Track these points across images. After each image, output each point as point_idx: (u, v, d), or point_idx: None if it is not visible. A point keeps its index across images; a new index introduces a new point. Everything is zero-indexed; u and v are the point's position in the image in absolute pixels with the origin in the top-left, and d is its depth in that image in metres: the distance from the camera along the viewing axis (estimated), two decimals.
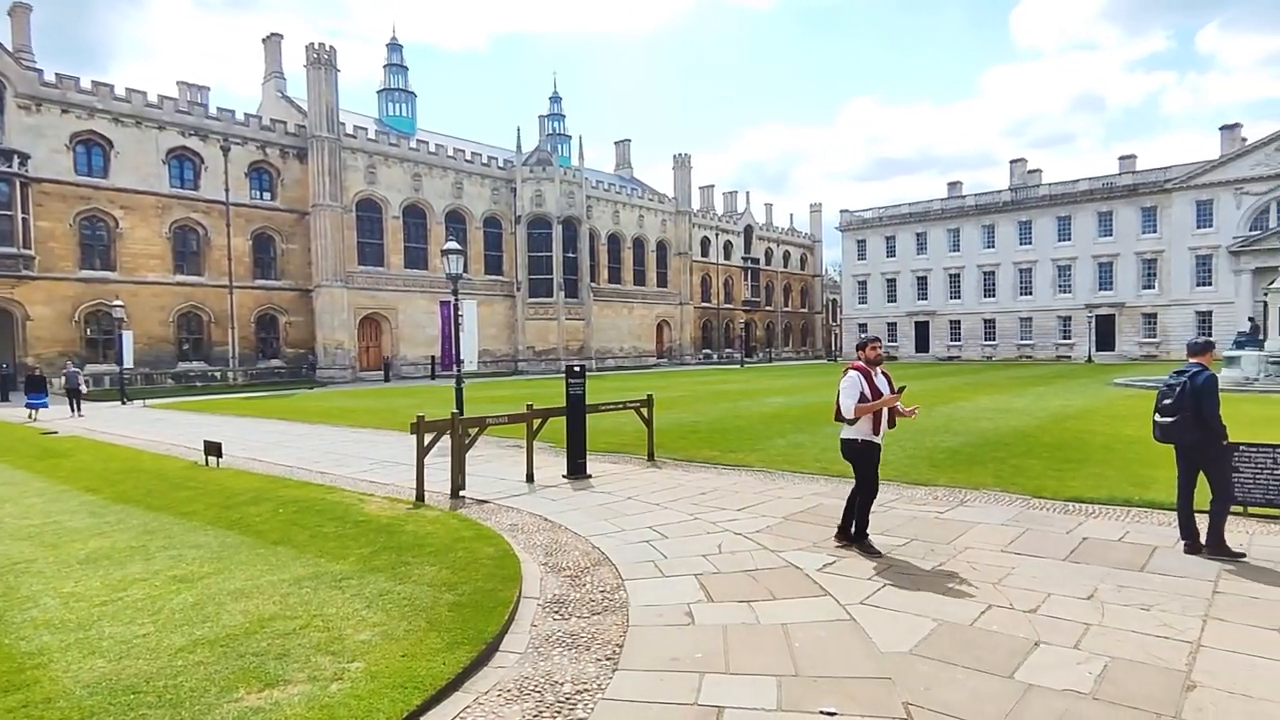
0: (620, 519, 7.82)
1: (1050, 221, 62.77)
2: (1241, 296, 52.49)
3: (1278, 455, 7.33)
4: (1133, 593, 5.24)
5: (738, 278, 78.21)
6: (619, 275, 63.35)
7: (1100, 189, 60.44)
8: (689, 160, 69.53)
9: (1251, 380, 24.82)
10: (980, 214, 66.45)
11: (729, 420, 17.62)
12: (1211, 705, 3.62)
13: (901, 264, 71.26)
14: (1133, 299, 58.86)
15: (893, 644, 4.42)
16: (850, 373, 6.45)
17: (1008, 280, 65.08)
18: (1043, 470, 10.17)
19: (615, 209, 62.91)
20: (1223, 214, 54.85)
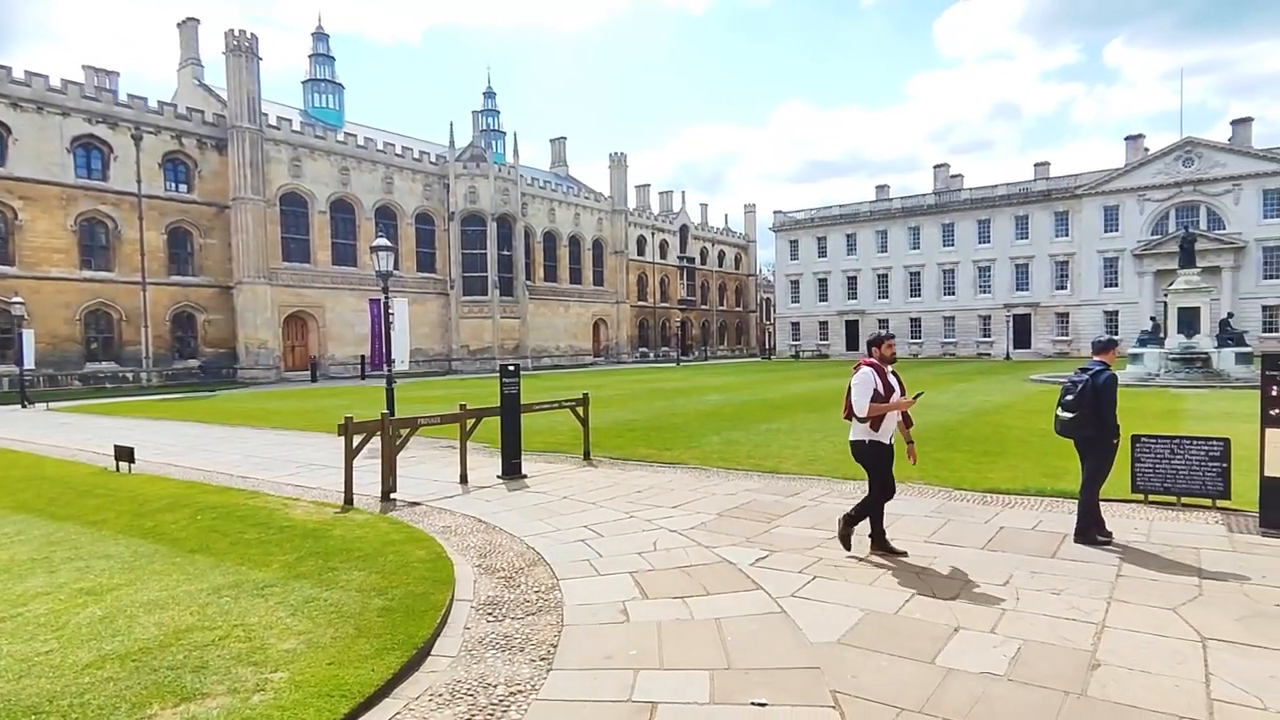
0: (555, 518, 7.79)
1: (971, 225, 65.43)
2: (1145, 297, 55.87)
3: (1174, 446, 7.84)
4: (1045, 578, 5.52)
5: (674, 277, 78.77)
6: (555, 274, 62.98)
7: (1017, 194, 63.35)
8: (625, 159, 69.67)
9: (1153, 376, 26.45)
10: (906, 216, 68.75)
11: (665, 418, 17.74)
12: (1114, 682, 3.85)
13: (832, 264, 73.09)
14: (1047, 299, 61.90)
15: (822, 634, 4.54)
16: (863, 369, 6.14)
17: (932, 280, 67.52)
18: (964, 463, 10.59)
19: (551, 207, 62.52)
20: (1128, 219, 58.26)
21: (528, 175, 61.48)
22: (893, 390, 6.17)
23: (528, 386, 30.25)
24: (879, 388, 6.06)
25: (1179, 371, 25.85)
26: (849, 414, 6.19)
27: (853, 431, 6.30)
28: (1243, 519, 7.07)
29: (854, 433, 6.28)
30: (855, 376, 6.12)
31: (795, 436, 13.83)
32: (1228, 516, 7.22)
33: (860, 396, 6.02)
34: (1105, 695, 3.71)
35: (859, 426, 6.17)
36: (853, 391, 6.10)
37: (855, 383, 6.09)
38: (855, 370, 6.21)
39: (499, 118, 68.17)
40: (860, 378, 6.08)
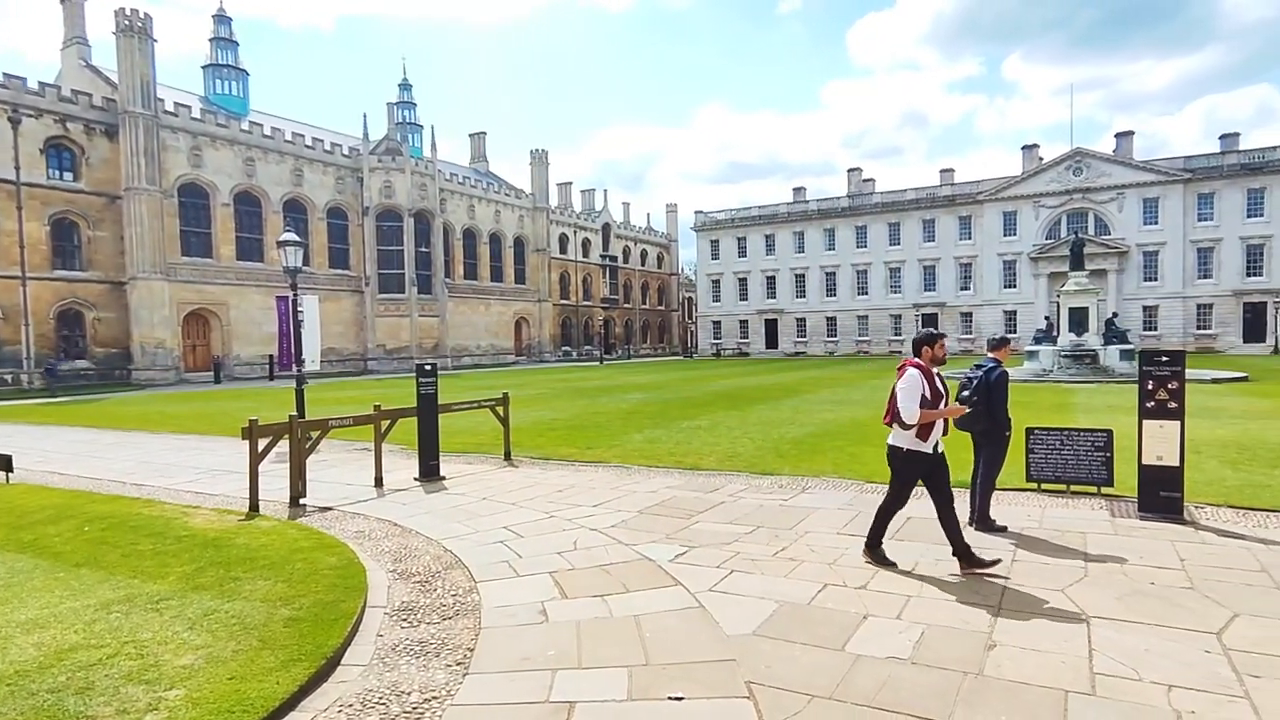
0: (474, 520, 7.66)
1: (883, 227, 68.00)
2: (1040, 297, 59.40)
3: (1064, 438, 8.36)
4: (947, 564, 5.79)
5: (596, 275, 78.73)
6: (475, 271, 61.94)
7: (925, 199, 66.24)
8: (546, 156, 69.17)
9: (1047, 371, 28.15)
10: (822, 218, 70.84)
11: (587, 417, 17.71)
12: (1008, 661, 4.07)
13: (752, 264, 74.58)
14: (952, 299, 64.99)
15: (738, 627, 4.62)
16: (910, 371, 5.63)
17: (847, 281, 69.83)
18: (875, 457, 10.94)
19: (471, 203, 61.43)
20: (1024, 224, 61.80)
21: (446, 170, 60.21)
22: (941, 395, 5.68)
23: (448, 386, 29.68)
24: (926, 392, 5.56)
25: (1070, 367, 27.60)
26: (892, 419, 5.73)
27: (894, 437, 5.82)
28: (1124, 504, 7.60)
29: (895, 438, 5.81)
30: (901, 380, 5.64)
31: (716, 434, 14.04)
32: (1111, 502, 7.75)
33: (909, 401, 5.52)
34: (1000, 674, 3.92)
35: (901, 433, 5.70)
36: (899, 396, 5.59)
37: (902, 386, 5.60)
38: (900, 372, 5.72)
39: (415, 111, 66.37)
40: (908, 381, 5.58)
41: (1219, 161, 56.36)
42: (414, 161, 54.39)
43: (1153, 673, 3.88)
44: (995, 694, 3.70)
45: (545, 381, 34.49)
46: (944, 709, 3.56)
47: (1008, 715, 3.49)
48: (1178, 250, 56.80)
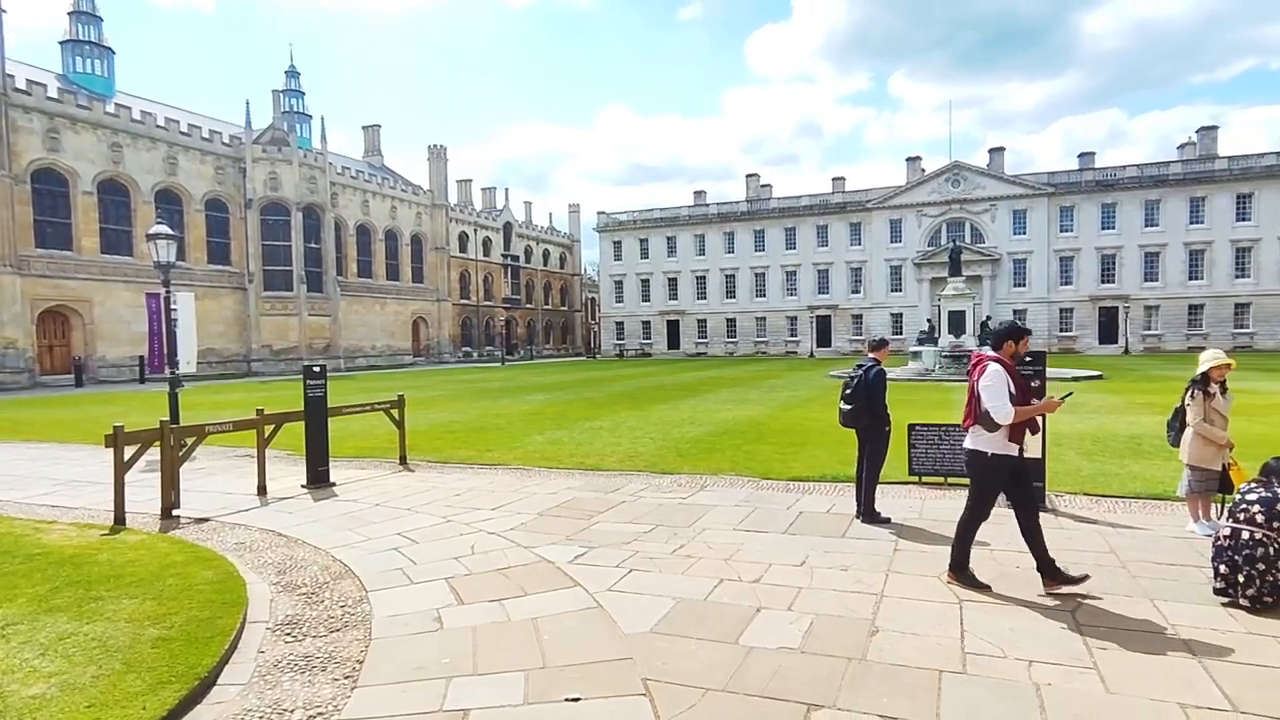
0: (366, 527, 7.38)
1: (780, 232, 70.28)
2: (923, 301, 62.94)
3: (942, 433, 8.89)
4: (835, 556, 6.05)
5: (498, 275, 77.51)
6: (370, 269, 59.70)
7: (818, 205, 68.95)
8: (445, 152, 67.54)
9: (930, 371, 29.86)
10: (722, 222, 72.48)
11: (487, 419, 17.41)
12: (889, 645, 4.30)
13: (654, 266, 75.39)
14: (844, 302, 67.92)
15: (636, 625, 4.66)
16: (992, 366, 5.09)
17: (746, 283, 71.73)
18: (771, 454, 11.34)
19: (365, 198, 59.16)
20: (909, 231, 65.40)
21: (338, 163, 57.76)
22: (1028, 391, 5.24)
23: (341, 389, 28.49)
24: (1012, 388, 5.07)
25: (950, 367, 29.37)
26: (974, 420, 5.15)
27: (974, 440, 5.22)
28: None
29: (976, 442, 5.20)
30: (982, 377, 5.09)
31: (617, 434, 14.11)
32: None
33: (996, 398, 4.97)
34: (881, 658, 4.13)
35: (985, 436, 5.12)
36: (984, 394, 5.02)
37: (985, 384, 5.04)
38: (978, 369, 5.19)
39: (304, 100, 63.13)
40: (991, 377, 5.05)
41: (1078, 178, 61.55)
42: (302, 153, 51.83)
43: (1016, 650, 4.19)
44: (876, 677, 3.90)
45: (444, 383, 33.67)
46: (830, 694, 3.72)
47: (887, 697, 3.68)
48: (1043, 259, 61.60)
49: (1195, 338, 55.56)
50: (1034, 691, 3.71)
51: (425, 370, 51.14)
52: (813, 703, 3.64)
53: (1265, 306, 56.40)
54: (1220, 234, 57.36)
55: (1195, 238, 58.00)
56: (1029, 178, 62.53)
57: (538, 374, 41.21)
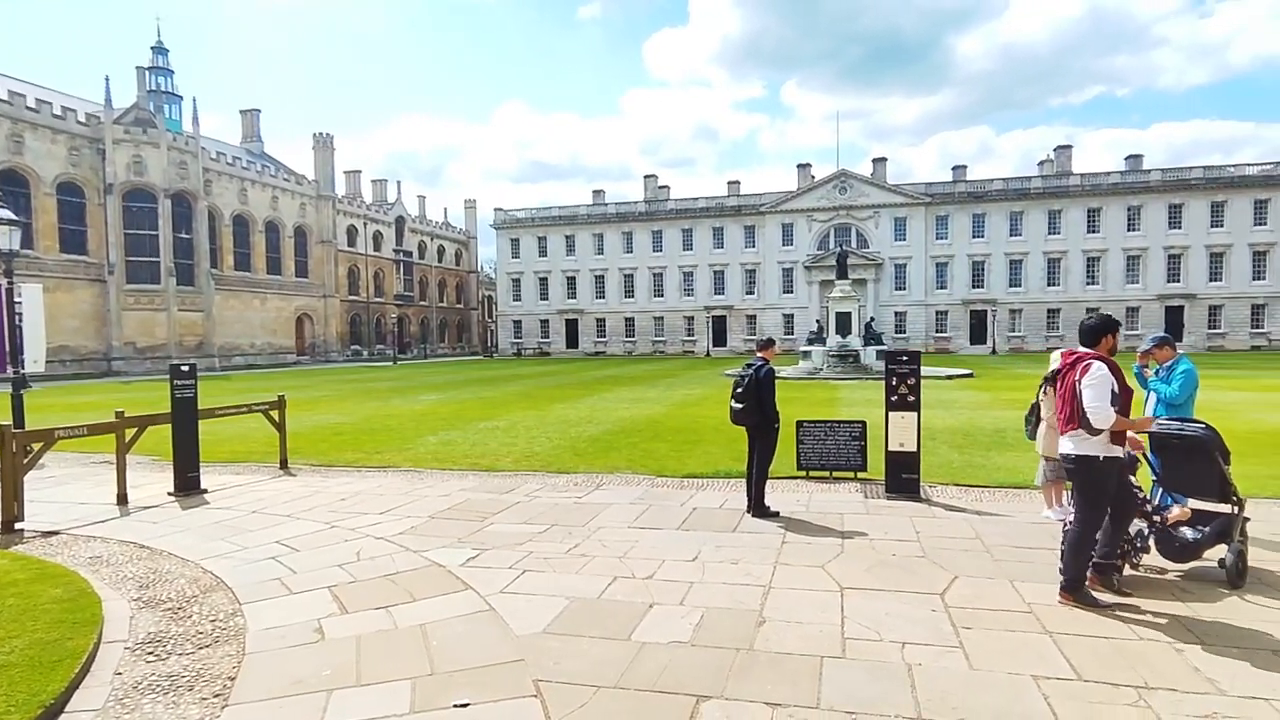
0: (241, 536, 6.95)
1: (677, 233, 71.36)
2: (813, 302, 65.50)
3: (827, 429, 9.30)
4: (727, 550, 6.20)
5: (389, 271, 74.88)
6: (249, 262, 56.35)
7: (714, 208, 70.50)
8: (331, 141, 64.66)
9: (818, 370, 31.12)
10: (621, 222, 72.86)
11: (377, 420, 16.79)
12: (775, 634, 4.45)
13: (553, 264, 74.89)
14: (739, 303, 69.76)
15: (528, 627, 4.61)
16: (1095, 365, 4.67)
17: (644, 283, 72.40)
18: (667, 452, 11.50)
19: (243, 186, 55.75)
20: (800, 235, 67.93)
21: (212, 149, 54.15)
22: (1130, 392, 4.83)
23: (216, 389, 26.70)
24: (1115, 388, 4.64)
25: (837, 366, 30.72)
26: (1075, 423, 4.70)
27: (1077, 444, 4.76)
28: (875, 486, 8.60)
29: (1080, 446, 4.75)
30: (1086, 375, 4.65)
31: (513, 434, 13.92)
32: (865, 485, 8.74)
33: (1099, 399, 4.56)
34: (768, 647, 4.27)
35: (1087, 440, 4.70)
36: (1086, 395, 4.59)
37: (1089, 383, 4.61)
38: (1076, 368, 4.76)
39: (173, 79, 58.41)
40: (1095, 375, 4.62)
41: (952, 189, 65.79)
42: (171, 135, 48.22)
43: (891, 633, 4.43)
44: (763, 666, 4.02)
45: (331, 383, 32.22)
46: (718, 684, 3.81)
47: (772, 684, 3.80)
48: (921, 264, 65.47)
49: (1053, 339, 60.48)
50: (906, 671, 3.93)
51: (310, 370, 48.72)
52: (702, 694, 3.72)
53: (1111, 311, 62.06)
54: (1074, 244, 62.82)
55: (1053, 247, 63.24)
56: (909, 187, 66.30)
57: (431, 373, 40.09)
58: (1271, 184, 59.68)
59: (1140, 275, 62.03)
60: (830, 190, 67.36)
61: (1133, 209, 61.93)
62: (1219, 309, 60.51)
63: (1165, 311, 60.93)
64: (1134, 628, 4.46)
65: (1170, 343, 6.79)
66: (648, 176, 75.42)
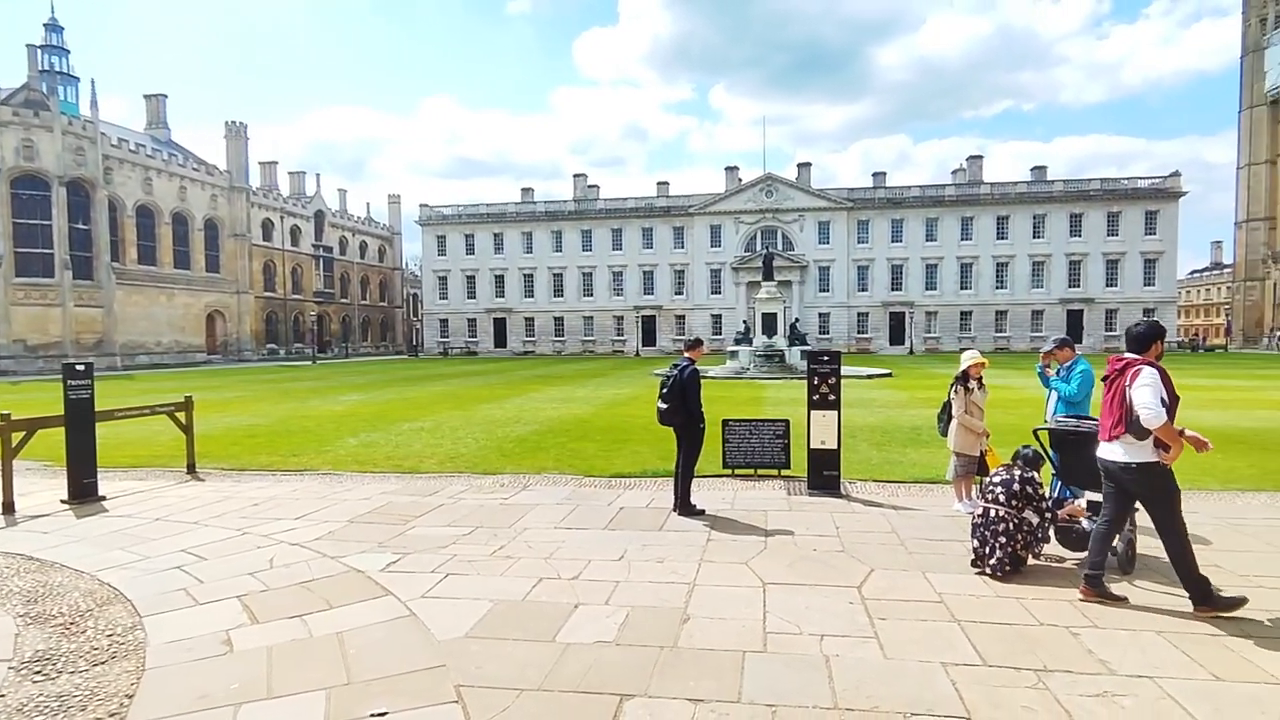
0: (142, 545, 6.56)
1: (607, 233, 71.43)
2: (740, 303, 66.64)
3: (752, 428, 9.46)
4: (653, 549, 6.24)
5: (308, 267, 72.24)
6: (155, 256, 53.39)
7: (644, 208, 70.88)
8: (245, 130, 61.88)
9: (745, 369, 31.65)
10: (550, 220, 72.41)
11: (294, 422, 16.16)
12: (699, 631, 4.50)
13: (480, 262, 73.78)
14: (669, 302, 70.34)
15: (450, 631, 4.52)
16: (1146, 369, 4.65)
17: (573, 282, 72.16)
18: (595, 452, 11.49)
19: (147, 175, 52.77)
20: (727, 237, 69.02)
21: (113, 134, 51.06)
22: (1178, 400, 4.75)
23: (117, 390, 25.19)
24: (1165, 395, 4.60)
25: (763, 366, 31.34)
26: (1125, 428, 4.68)
27: (1130, 453, 4.72)
28: (798, 484, 8.80)
29: (1137, 454, 4.70)
30: (1138, 379, 4.63)
31: (438, 435, 13.64)
32: (788, 483, 8.93)
33: (1155, 398, 4.53)
34: (691, 644, 4.32)
35: (1139, 446, 4.67)
36: (1141, 395, 4.55)
37: (1144, 384, 4.58)
38: (1129, 374, 4.72)
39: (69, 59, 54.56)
40: (1149, 378, 4.60)
41: (872, 195, 68.12)
42: (67, 119, 45.20)
43: (810, 626, 4.55)
44: (686, 662, 4.06)
45: (244, 383, 30.85)
46: (642, 683, 3.82)
47: (695, 680, 3.85)
48: (844, 267, 67.51)
49: (965, 340, 63.34)
50: (824, 663, 4.04)
51: (222, 369, 46.50)
52: (626, 693, 3.72)
53: (1018, 314, 65.62)
54: (985, 250, 65.97)
55: (965, 252, 66.24)
56: (832, 192, 68.25)
57: (353, 373, 38.88)
58: (1161, 197, 64.14)
59: (1045, 280, 65.63)
60: (757, 193, 68.67)
61: (1038, 217, 65.48)
62: (1115, 312, 64.61)
63: (1067, 314, 64.69)
64: (1035, 614, 4.71)
65: (1070, 344, 7.21)
66: (577, 175, 75.30)
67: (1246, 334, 69.85)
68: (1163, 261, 64.47)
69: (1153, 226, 64.24)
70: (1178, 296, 71.15)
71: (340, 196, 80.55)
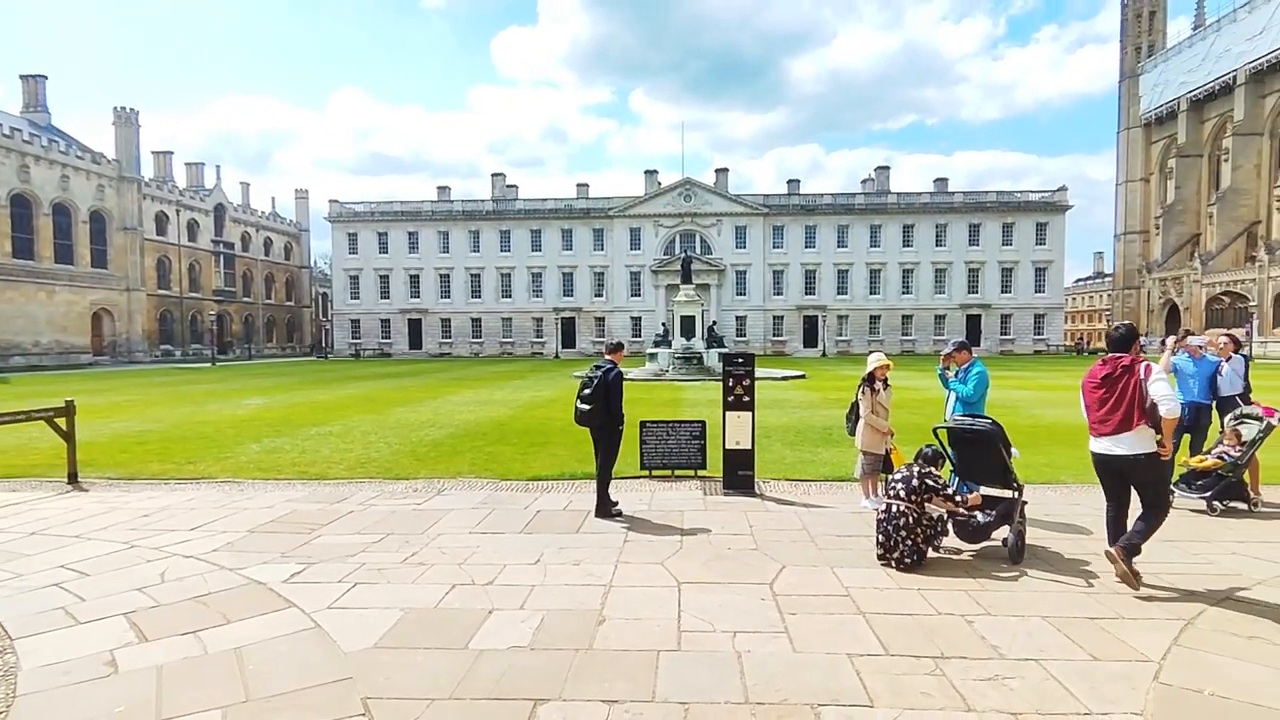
0: (15, 562, 6.06)
1: (526, 233, 70.72)
2: (660, 306, 67.19)
3: (669, 429, 9.55)
4: (569, 552, 6.21)
5: (207, 263, 68.52)
6: (32, 249, 49.52)
7: (563, 210, 70.55)
8: (136, 117, 58.13)
9: (664, 371, 31.92)
10: (468, 220, 71.10)
11: (191, 427, 15.28)
12: (614, 633, 4.51)
13: (395, 261, 71.69)
14: (588, 305, 70.21)
15: (358, 642, 4.37)
16: (1155, 366, 5.22)
17: (491, 283, 71.07)
18: (512, 455, 11.34)
19: (24, 162, 48.90)
20: (647, 240, 69.50)
21: None
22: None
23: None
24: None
25: (682, 368, 31.68)
26: (1143, 421, 5.05)
27: (1134, 444, 5.10)
28: (713, 484, 8.94)
29: (1137, 445, 5.10)
30: (1152, 374, 5.08)
31: (349, 439, 13.18)
32: (704, 483, 9.06)
33: (1171, 393, 5.04)
34: (607, 645, 4.32)
35: (1142, 439, 5.09)
36: (1154, 389, 5.00)
37: (1155, 380, 5.04)
38: (1141, 369, 5.11)
39: None
40: (1159, 374, 5.10)
41: (787, 201, 70.01)
42: None
43: (723, 623, 4.63)
44: (601, 664, 4.07)
45: (135, 386, 28.97)
46: (556, 686, 3.80)
47: (610, 681, 3.85)
48: (760, 271, 69.08)
49: (875, 343, 65.87)
50: (736, 659, 4.12)
51: (110, 372, 43.46)
52: (540, 697, 3.69)
53: (923, 318, 68.77)
54: (892, 257, 68.84)
55: (874, 259, 68.93)
56: (748, 198, 69.74)
57: (257, 376, 37.09)
58: (1050, 210, 68.55)
59: (947, 286, 69.01)
60: (676, 197, 69.46)
61: (940, 226, 68.83)
62: (1009, 317, 68.60)
63: (966, 319, 68.22)
64: (934, 604, 4.95)
65: (967, 347, 7.62)
66: (495, 175, 74.30)
67: None
68: (1052, 270, 68.87)
69: (1043, 237, 68.56)
70: (1065, 303, 76.21)
71: (243, 190, 76.75)
